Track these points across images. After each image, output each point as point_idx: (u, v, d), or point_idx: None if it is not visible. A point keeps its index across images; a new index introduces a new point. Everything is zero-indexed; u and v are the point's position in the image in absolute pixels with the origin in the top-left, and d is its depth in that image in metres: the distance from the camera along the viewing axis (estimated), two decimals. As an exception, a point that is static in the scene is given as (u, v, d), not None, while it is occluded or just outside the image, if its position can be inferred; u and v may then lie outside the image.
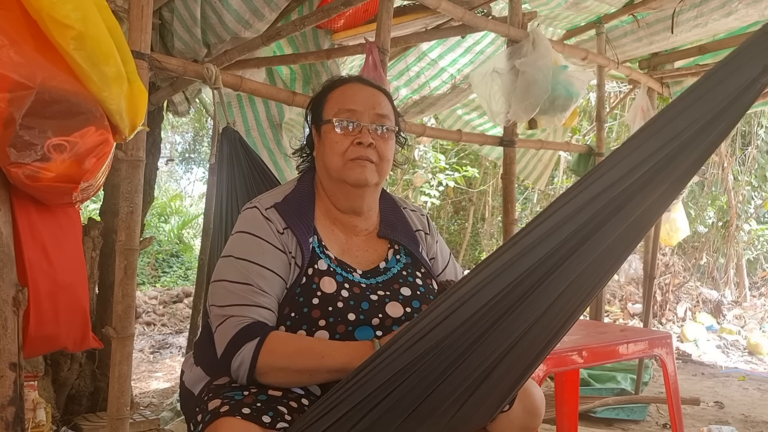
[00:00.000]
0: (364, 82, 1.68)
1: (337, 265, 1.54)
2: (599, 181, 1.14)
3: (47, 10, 1.29)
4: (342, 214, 1.63)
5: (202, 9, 2.92)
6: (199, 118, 11.45)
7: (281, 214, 1.54)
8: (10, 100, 1.29)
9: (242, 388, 1.38)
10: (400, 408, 1.23)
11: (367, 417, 1.22)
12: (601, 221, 1.15)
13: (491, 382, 1.27)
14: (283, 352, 1.38)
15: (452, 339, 1.17)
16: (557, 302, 1.22)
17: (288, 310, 1.46)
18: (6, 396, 1.42)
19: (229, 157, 2.16)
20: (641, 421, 3.99)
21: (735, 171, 8.49)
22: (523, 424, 1.52)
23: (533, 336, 1.25)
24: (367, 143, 1.55)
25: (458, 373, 1.22)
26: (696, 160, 1.20)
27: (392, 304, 1.51)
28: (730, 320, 7.60)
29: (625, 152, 1.15)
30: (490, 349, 1.21)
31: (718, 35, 4.16)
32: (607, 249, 1.20)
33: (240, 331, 1.40)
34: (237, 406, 1.30)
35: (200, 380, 1.54)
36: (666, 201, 1.27)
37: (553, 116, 3.22)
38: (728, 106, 1.13)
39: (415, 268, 1.63)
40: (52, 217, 1.59)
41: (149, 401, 4.44)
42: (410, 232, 1.69)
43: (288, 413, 1.32)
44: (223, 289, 1.47)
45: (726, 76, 1.12)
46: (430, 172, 8.84)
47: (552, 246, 1.14)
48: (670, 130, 1.13)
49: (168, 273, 9.81)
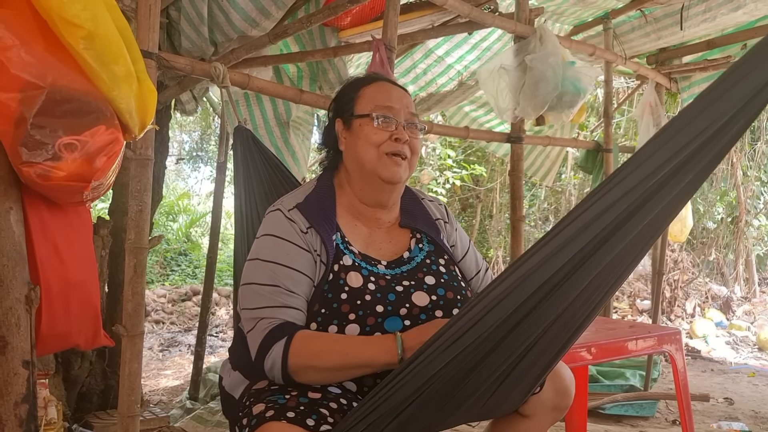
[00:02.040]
0: (392, 81, 1.75)
1: (361, 260, 1.58)
2: (624, 182, 1.15)
3: (57, 10, 1.30)
4: (366, 207, 1.67)
5: (209, 8, 2.93)
6: (206, 117, 11.46)
7: (304, 214, 1.57)
8: (21, 100, 1.30)
9: (283, 392, 1.42)
10: (433, 403, 1.29)
11: (403, 413, 1.28)
12: (623, 221, 1.18)
13: (521, 370, 1.35)
14: (309, 352, 1.41)
15: (484, 338, 1.22)
16: (581, 296, 1.26)
17: (318, 307, 1.50)
18: (19, 393, 1.44)
19: (243, 156, 2.14)
20: (650, 418, 3.98)
21: (744, 166, 8.44)
22: (554, 404, 1.60)
23: (555, 333, 1.31)
24: (404, 140, 1.61)
25: (488, 366, 1.28)
26: (714, 159, 1.21)
27: (418, 294, 1.55)
28: (739, 316, 7.57)
29: (648, 153, 1.15)
30: (518, 341, 1.27)
31: (727, 30, 4.14)
32: (626, 247, 1.24)
33: (269, 332, 1.44)
34: (281, 410, 1.33)
35: (239, 384, 1.57)
36: (681, 203, 1.29)
37: (561, 113, 3.21)
38: (746, 105, 1.12)
39: (438, 256, 1.68)
40: (63, 216, 1.60)
41: (159, 399, 4.46)
42: (431, 221, 1.74)
43: (330, 415, 1.36)
44: (252, 292, 1.51)
45: (744, 75, 1.11)
46: (437, 170, 8.84)
47: (578, 247, 1.17)
48: (691, 130, 1.13)
49: (176, 271, 9.85)
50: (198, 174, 13.98)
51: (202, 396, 4.10)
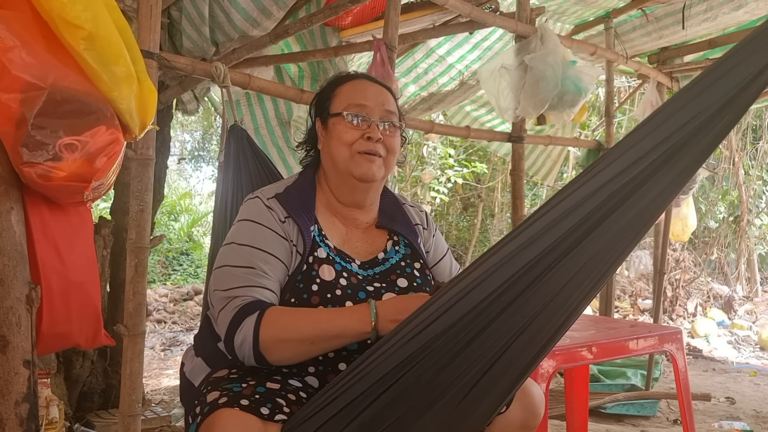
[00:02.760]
0: (371, 79, 1.71)
1: (336, 254, 1.56)
2: (603, 173, 1.14)
3: (58, 11, 1.30)
4: (343, 206, 1.66)
5: (210, 8, 2.93)
6: (207, 117, 11.48)
7: (282, 204, 1.56)
8: (22, 101, 1.31)
9: (241, 380, 1.39)
10: (399, 401, 1.23)
11: (366, 410, 1.23)
12: (605, 213, 1.15)
13: (492, 377, 1.26)
14: (282, 324, 1.38)
15: (453, 332, 1.18)
16: (560, 295, 1.21)
17: (288, 296, 1.49)
18: (20, 393, 1.44)
19: (236, 154, 2.16)
20: (652, 417, 3.98)
21: (746, 165, 8.43)
22: (522, 423, 1.52)
23: (535, 330, 1.24)
24: (376, 138, 1.57)
25: (459, 365, 1.22)
26: (701, 152, 1.19)
27: (388, 296, 1.53)
28: (741, 315, 7.57)
29: (630, 143, 1.15)
30: (491, 342, 1.21)
31: (728, 29, 4.14)
32: (610, 242, 1.20)
33: (240, 308, 1.40)
34: (235, 397, 1.30)
35: (201, 372, 1.56)
36: (672, 193, 1.25)
37: (562, 112, 3.21)
38: (733, 99, 1.12)
39: (414, 260, 1.66)
40: (64, 215, 1.60)
41: (161, 398, 4.47)
42: (410, 225, 1.73)
43: (286, 405, 1.33)
44: (225, 274, 1.48)
45: (730, 68, 1.11)
46: (438, 169, 8.84)
47: (555, 238, 1.14)
48: (674, 122, 1.13)
49: (178, 271, 9.86)
50: (200, 173, 14.00)
51: (203, 395, 4.10)
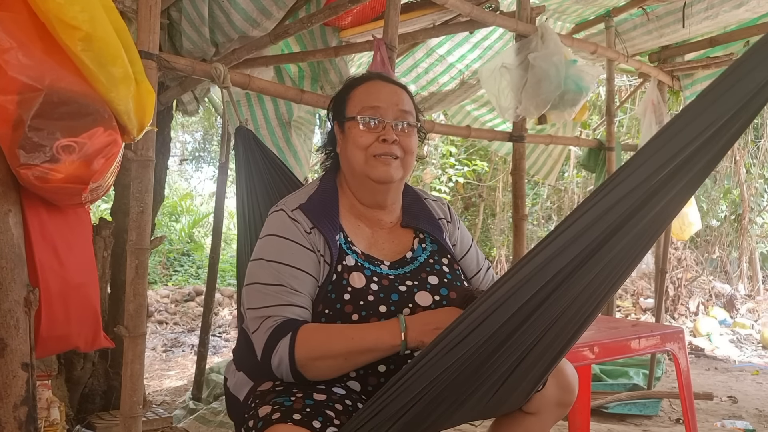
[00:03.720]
0: (386, 79, 1.72)
1: (364, 260, 1.57)
2: (626, 181, 1.16)
3: (55, 12, 1.30)
4: (366, 208, 1.66)
5: (210, 8, 2.93)
6: (208, 117, 11.47)
7: (307, 215, 1.57)
8: (19, 102, 1.30)
9: (288, 393, 1.41)
10: (439, 401, 1.31)
11: (409, 412, 1.29)
12: (624, 220, 1.19)
13: (525, 367, 1.37)
14: (315, 342, 1.41)
15: (489, 338, 1.24)
16: (582, 294, 1.28)
17: (321, 307, 1.50)
18: (19, 396, 1.44)
19: (245, 157, 2.14)
20: (654, 417, 3.97)
21: (747, 164, 8.40)
22: (558, 400, 1.60)
23: (560, 328, 1.33)
24: (391, 140, 1.58)
25: (493, 365, 1.30)
26: (715, 156, 1.22)
27: (421, 294, 1.54)
28: (743, 314, 7.55)
29: (650, 152, 1.16)
30: (523, 339, 1.28)
31: (729, 27, 4.12)
32: (627, 246, 1.25)
33: (274, 330, 1.43)
34: (288, 412, 1.33)
35: (244, 385, 1.57)
36: (682, 201, 1.30)
37: (563, 111, 3.21)
38: (747, 104, 1.13)
39: (441, 255, 1.67)
40: (63, 217, 1.60)
41: (162, 399, 4.46)
42: (433, 220, 1.73)
43: (335, 417, 1.36)
44: (256, 292, 1.50)
45: (745, 74, 1.11)
46: (439, 168, 8.83)
47: (582, 247, 1.19)
48: (693, 128, 1.13)
49: (179, 272, 9.86)
50: (201, 174, 13.99)
51: (205, 396, 4.11)
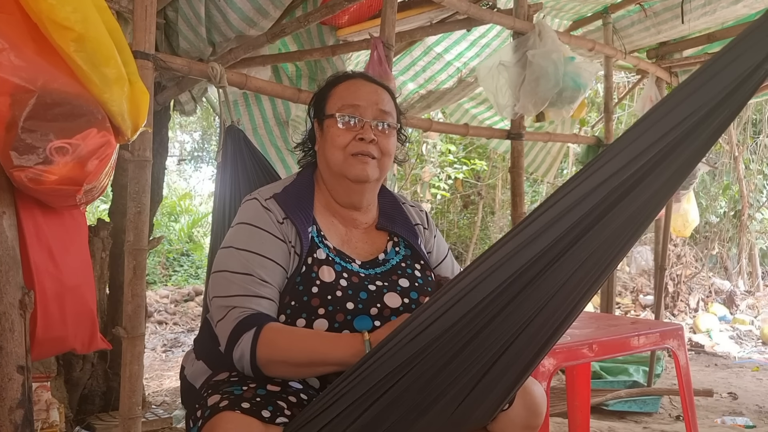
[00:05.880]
0: (368, 78, 1.69)
1: (335, 255, 1.55)
2: (602, 170, 1.14)
3: (47, 13, 1.29)
4: (341, 207, 1.65)
5: (207, 8, 2.92)
6: (206, 117, 11.47)
7: (280, 205, 1.55)
8: (11, 104, 1.29)
9: (241, 383, 1.39)
10: (400, 402, 1.24)
11: (367, 412, 1.23)
12: (604, 210, 1.15)
13: (492, 377, 1.27)
14: (277, 347, 1.38)
15: (453, 332, 1.18)
16: (559, 294, 1.21)
17: (288, 299, 1.48)
18: (14, 399, 1.43)
19: (233, 155, 2.16)
20: (654, 414, 3.97)
21: (746, 160, 8.41)
22: (524, 422, 1.51)
23: (535, 329, 1.25)
24: (369, 139, 1.56)
25: (459, 366, 1.22)
26: (700, 147, 1.19)
27: (390, 295, 1.52)
28: (743, 310, 7.55)
29: (629, 140, 1.14)
30: (491, 341, 1.21)
31: (727, 23, 4.11)
32: (609, 239, 1.20)
33: (239, 322, 1.41)
34: (236, 400, 1.30)
35: (202, 374, 1.55)
36: (671, 188, 1.25)
37: (561, 108, 3.20)
38: (731, 93, 1.12)
39: (414, 260, 1.65)
40: (58, 219, 1.59)
41: (162, 400, 4.46)
42: (409, 225, 1.71)
43: (287, 408, 1.33)
44: (224, 279, 1.48)
45: (728, 62, 1.11)
46: (438, 167, 8.83)
47: (555, 236, 1.14)
48: (673, 117, 1.12)
49: (179, 272, 9.86)
50: (199, 174, 13.99)
51: (204, 396, 4.10)
